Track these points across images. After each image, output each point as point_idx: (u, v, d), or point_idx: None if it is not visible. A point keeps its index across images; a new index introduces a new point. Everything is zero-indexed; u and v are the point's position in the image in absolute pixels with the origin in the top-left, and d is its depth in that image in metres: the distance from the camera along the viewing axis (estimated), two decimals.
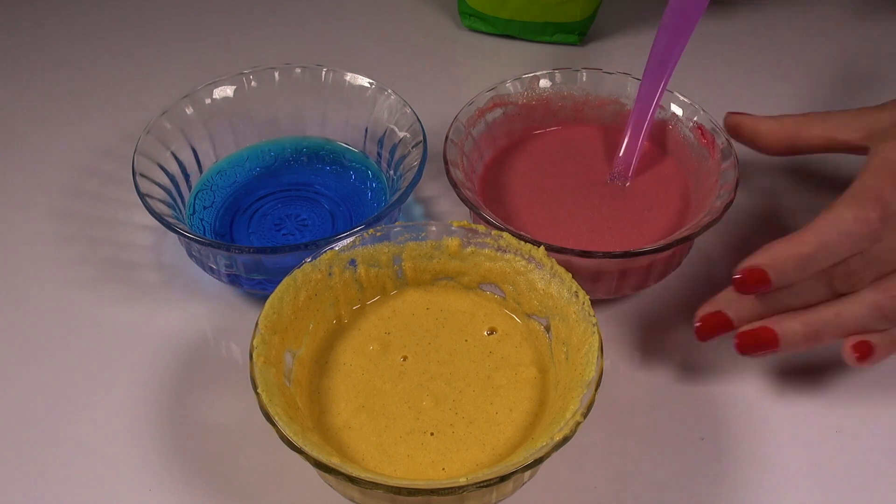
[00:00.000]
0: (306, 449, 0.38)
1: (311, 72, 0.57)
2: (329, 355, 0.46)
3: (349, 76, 0.57)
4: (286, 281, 0.45)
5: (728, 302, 0.46)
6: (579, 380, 0.41)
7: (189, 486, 0.45)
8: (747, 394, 0.48)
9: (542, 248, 0.46)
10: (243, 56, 0.69)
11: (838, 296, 0.45)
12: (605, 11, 0.73)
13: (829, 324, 0.45)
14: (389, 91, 0.56)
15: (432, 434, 0.43)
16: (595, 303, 0.45)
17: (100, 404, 0.48)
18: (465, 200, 0.49)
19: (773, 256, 0.43)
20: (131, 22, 0.74)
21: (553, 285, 0.45)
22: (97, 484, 0.45)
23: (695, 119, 0.54)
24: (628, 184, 0.54)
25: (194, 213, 0.54)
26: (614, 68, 0.57)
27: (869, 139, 0.49)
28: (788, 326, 0.45)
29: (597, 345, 0.41)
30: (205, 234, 0.53)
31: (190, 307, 0.53)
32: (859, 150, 0.50)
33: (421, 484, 0.38)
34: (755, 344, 0.45)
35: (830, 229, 0.43)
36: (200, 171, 0.56)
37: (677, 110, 0.55)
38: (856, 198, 0.44)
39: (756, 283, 0.44)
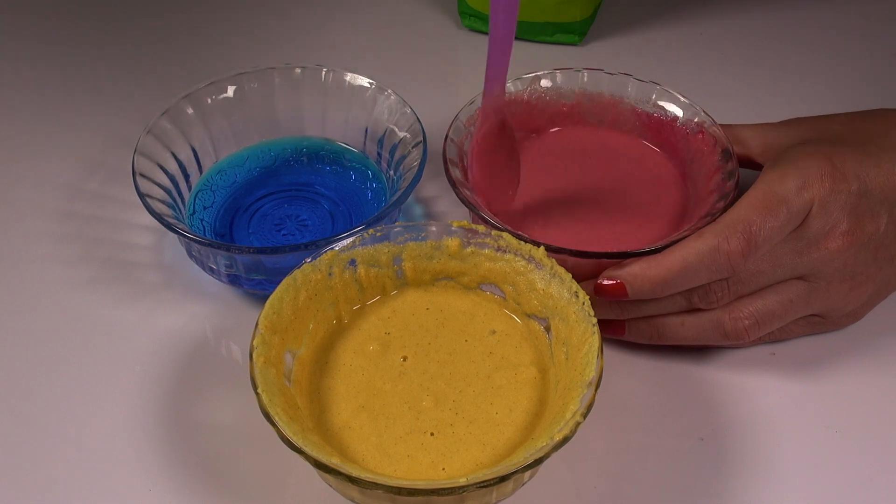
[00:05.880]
0: (306, 449, 0.38)
1: (311, 72, 0.57)
2: (329, 355, 0.46)
3: (349, 76, 0.57)
4: (286, 281, 0.45)
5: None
6: (579, 380, 0.41)
7: (189, 486, 0.45)
8: (747, 394, 0.48)
9: (541, 248, 0.46)
10: (243, 56, 0.69)
11: (696, 309, 0.47)
12: (605, 11, 0.73)
13: (672, 329, 0.47)
14: (389, 91, 0.56)
15: (432, 434, 0.43)
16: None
17: (99, 404, 0.48)
18: (464, 200, 0.49)
19: (633, 274, 0.45)
20: (131, 22, 0.74)
21: (553, 285, 0.45)
22: (97, 484, 0.45)
23: (695, 119, 0.54)
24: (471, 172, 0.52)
25: (194, 213, 0.54)
26: (614, 68, 0.57)
27: (765, 157, 0.50)
28: (635, 323, 0.48)
29: (597, 345, 0.41)
30: (205, 234, 0.53)
31: (190, 307, 0.53)
32: (758, 166, 0.50)
33: (421, 484, 0.38)
34: (606, 326, 0.48)
35: (693, 257, 0.44)
36: (200, 171, 0.56)
37: (677, 111, 0.55)
38: (725, 229, 0.44)
39: (614, 294, 0.46)
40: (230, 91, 0.57)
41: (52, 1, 0.76)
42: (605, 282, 0.46)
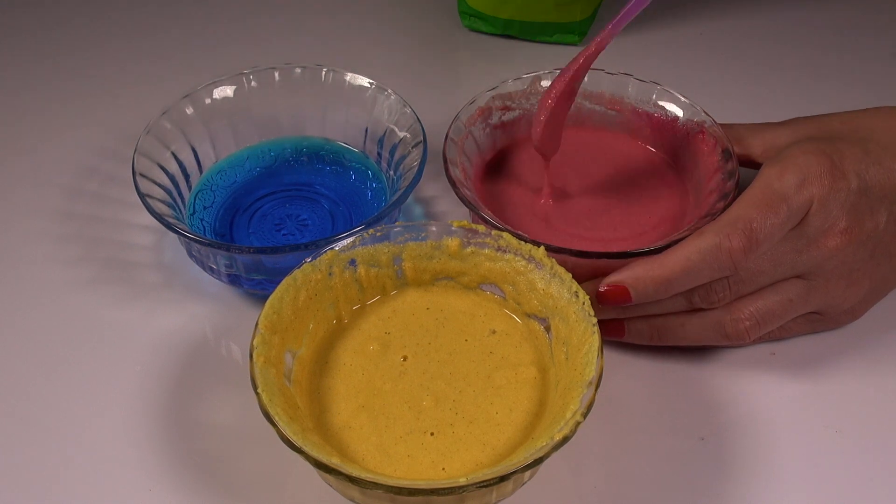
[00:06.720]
0: (306, 449, 0.38)
1: (311, 72, 0.57)
2: (329, 355, 0.46)
3: (349, 76, 0.57)
4: (286, 281, 0.45)
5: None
6: (579, 380, 0.41)
7: (189, 486, 0.45)
8: (747, 394, 0.48)
9: (542, 248, 0.46)
10: (243, 56, 0.69)
11: (696, 309, 0.47)
12: (605, 11, 0.73)
13: (673, 330, 0.47)
14: (389, 91, 0.56)
15: (432, 434, 0.43)
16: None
17: (99, 404, 0.48)
18: (464, 200, 0.49)
19: (636, 276, 0.45)
20: (131, 22, 0.74)
21: (553, 285, 0.45)
22: (97, 484, 0.45)
23: (695, 119, 0.54)
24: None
25: (194, 213, 0.54)
26: (614, 68, 0.57)
27: (765, 156, 0.50)
28: (635, 325, 0.48)
29: (597, 345, 0.41)
30: (205, 234, 0.53)
31: (190, 307, 0.53)
32: (758, 166, 0.50)
33: (421, 484, 0.38)
34: (606, 328, 0.48)
35: (695, 256, 0.44)
36: (200, 171, 0.56)
37: (677, 111, 0.55)
38: (726, 227, 0.44)
39: (617, 299, 0.46)
40: (230, 91, 0.57)
41: (53, 1, 0.76)
42: (607, 288, 0.46)
